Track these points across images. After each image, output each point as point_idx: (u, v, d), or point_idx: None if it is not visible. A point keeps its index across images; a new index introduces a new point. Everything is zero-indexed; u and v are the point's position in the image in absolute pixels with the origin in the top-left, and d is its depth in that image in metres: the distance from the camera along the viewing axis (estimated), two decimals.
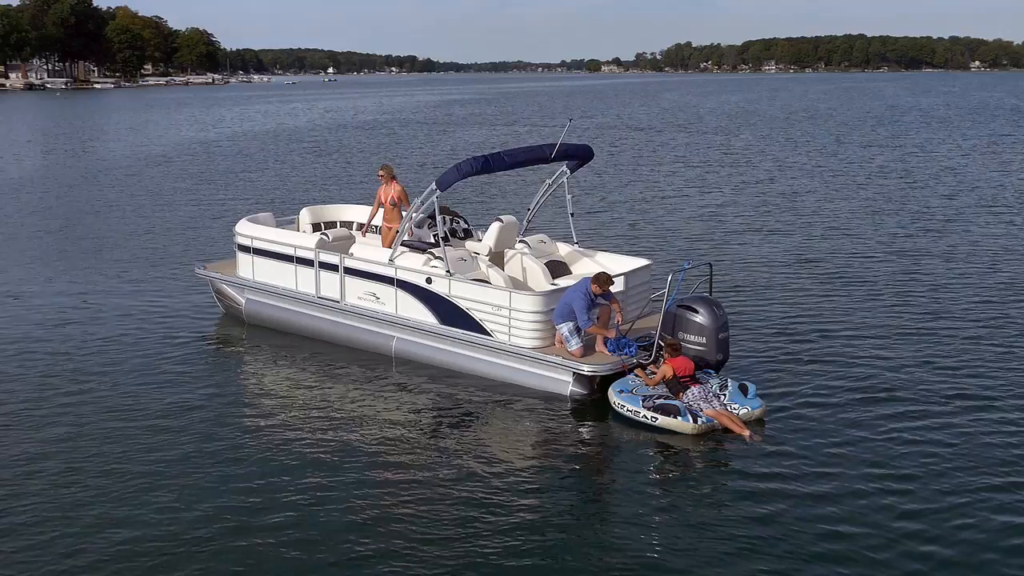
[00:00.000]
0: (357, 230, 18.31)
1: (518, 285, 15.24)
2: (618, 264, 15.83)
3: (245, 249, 17.14)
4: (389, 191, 16.53)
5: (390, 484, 11.05)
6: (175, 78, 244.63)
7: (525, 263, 15.74)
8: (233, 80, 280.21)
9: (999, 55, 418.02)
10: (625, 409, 12.49)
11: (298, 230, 18.20)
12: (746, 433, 12.02)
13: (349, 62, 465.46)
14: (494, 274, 15.04)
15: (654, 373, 13.10)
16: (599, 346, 13.62)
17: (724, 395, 12.67)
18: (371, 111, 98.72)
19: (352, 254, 15.72)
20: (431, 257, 14.97)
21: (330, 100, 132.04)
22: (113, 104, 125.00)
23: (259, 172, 42.11)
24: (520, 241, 16.30)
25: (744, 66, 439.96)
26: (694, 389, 12.49)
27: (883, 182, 36.78)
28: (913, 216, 29.09)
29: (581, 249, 16.49)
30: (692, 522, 10.09)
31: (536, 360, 13.76)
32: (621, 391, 12.76)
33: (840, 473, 11.15)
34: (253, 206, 31.65)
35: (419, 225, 16.93)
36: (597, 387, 13.53)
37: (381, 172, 16.72)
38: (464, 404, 13.58)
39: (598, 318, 13.58)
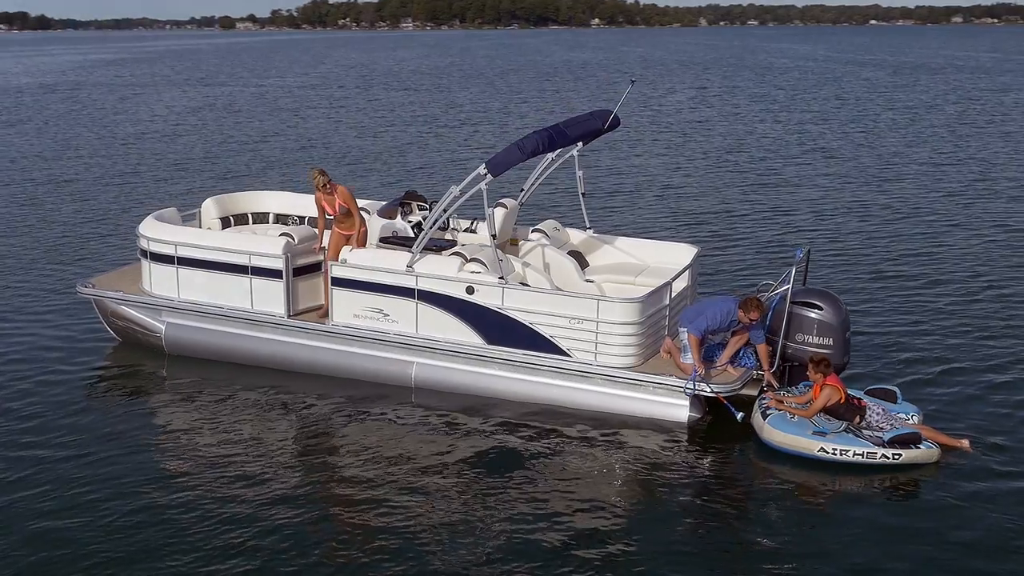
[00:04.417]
0: (276, 222, 14.69)
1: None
2: (652, 252, 13.51)
3: (163, 259, 13.02)
4: (334, 198, 12.63)
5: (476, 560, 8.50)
6: None
7: (549, 256, 12.97)
8: None
9: (615, 13, 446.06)
10: (851, 454, 9.98)
11: (200, 226, 14.23)
12: (964, 443, 10.34)
13: None
14: (533, 275, 12.20)
15: (785, 397, 10.89)
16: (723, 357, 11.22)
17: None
18: (15, 73, 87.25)
19: (346, 261, 12.20)
20: (464, 259, 11.85)
21: None
22: None
23: None
24: (534, 230, 13.47)
25: (382, 23, 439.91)
26: (876, 409, 10.43)
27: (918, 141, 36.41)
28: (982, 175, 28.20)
29: (597, 235, 13.90)
30: None
31: (638, 383, 11.17)
32: (819, 432, 10.15)
33: None
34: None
35: (386, 215, 13.62)
36: (708, 411, 11.22)
37: (323, 184, 12.46)
38: (540, 441, 10.89)
39: (722, 346, 11.27)
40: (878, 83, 63.25)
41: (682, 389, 11.01)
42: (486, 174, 11.37)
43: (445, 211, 11.97)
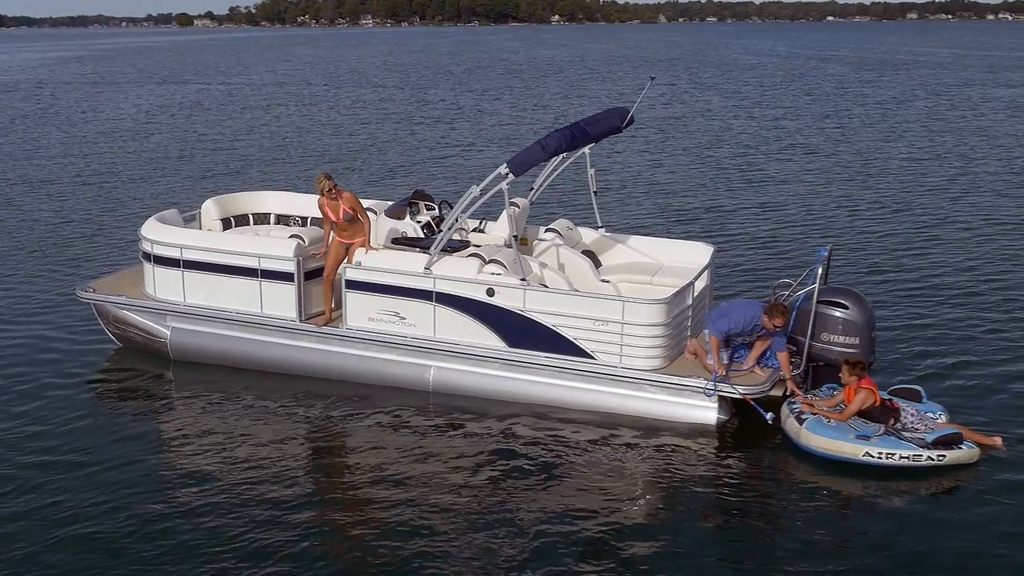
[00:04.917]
0: (277, 223, 14.40)
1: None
2: (666, 251, 13.35)
3: (167, 262, 12.68)
4: (338, 204, 12.06)
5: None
6: None
7: (563, 256, 12.75)
8: None
9: (575, 10, 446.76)
10: (897, 457, 9.82)
11: (200, 227, 13.91)
12: (997, 440, 10.29)
13: None
14: (550, 275, 11.98)
15: (815, 401, 10.74)
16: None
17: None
18: None
19: (360, 264, 11.93)
20: (483, 261, 11.63)
21: None
22: None
23: None
24: (547, 229, 13.28)
25: (342, 20, 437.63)
26: (910, 411, 10.33)
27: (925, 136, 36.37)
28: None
29: (609, 235, 13.74)
30: None
31: (664, 385, 11.00)
32: (863, 437, 9.97)
33: None
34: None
35: (394, 215, 13.34)
36: (736, 412, 11.08)
37: (328, 189, 11.86)
38: (564, 445, 10.71)
39: (749, 347, 11.13)
40: (844, 79, 63.66)
41: (702, 390, 10.85)
42: (507, 174, 11.14)
43: (464, 212, 11.69)
